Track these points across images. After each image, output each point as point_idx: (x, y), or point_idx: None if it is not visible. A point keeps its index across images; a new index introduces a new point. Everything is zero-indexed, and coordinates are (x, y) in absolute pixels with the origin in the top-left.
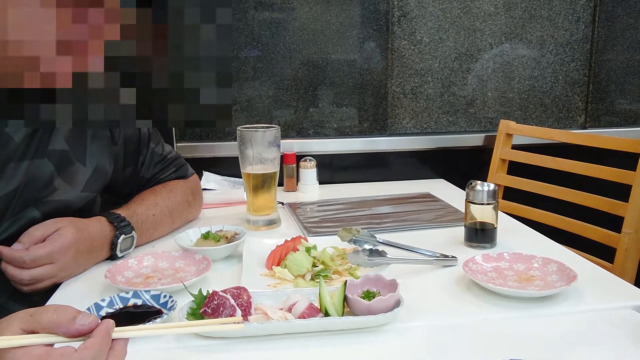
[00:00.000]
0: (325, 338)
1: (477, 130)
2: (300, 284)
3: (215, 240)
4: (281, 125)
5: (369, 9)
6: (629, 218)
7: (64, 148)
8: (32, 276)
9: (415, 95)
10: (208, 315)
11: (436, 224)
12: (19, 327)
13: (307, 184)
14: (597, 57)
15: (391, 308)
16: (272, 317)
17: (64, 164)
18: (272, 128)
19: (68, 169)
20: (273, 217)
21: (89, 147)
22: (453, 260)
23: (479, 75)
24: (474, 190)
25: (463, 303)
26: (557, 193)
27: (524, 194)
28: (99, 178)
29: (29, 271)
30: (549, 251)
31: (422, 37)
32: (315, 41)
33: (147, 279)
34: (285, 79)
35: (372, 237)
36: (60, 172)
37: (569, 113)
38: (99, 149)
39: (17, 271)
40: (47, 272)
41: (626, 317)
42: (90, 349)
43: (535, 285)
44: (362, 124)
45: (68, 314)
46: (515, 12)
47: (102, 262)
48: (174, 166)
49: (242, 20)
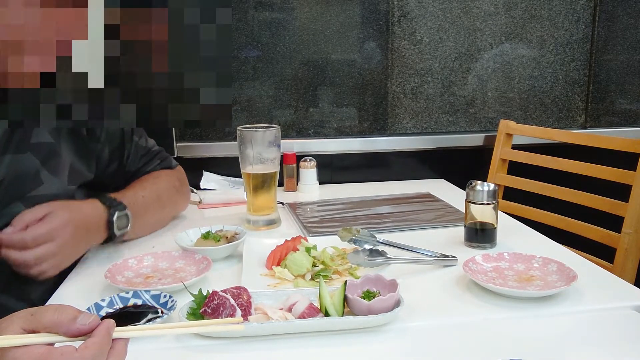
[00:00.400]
0: (325, 338)
1: (477, 130)
2: (300, 284)
3: (215, 240)
4: (281, 125)
5: (369, 9)
6: (629, 218)
7: (49, 140)
8: (36, 256)
9: (415, 95)
10: (208, 315)
11: (436, 224)
12: (20, 327)
13: (307, 184)
14: (597, 57)
15: (391, 308)
16: (272, 317)
17: (50, 156)
18: (272, 128)
19: (54, 160)
20: (273, 217)
21: (63, 142)
22: (453, 260)
23: (479, 75)
24: (474, 190)
25: (463, 303)
26: (557, 193)
27: (524, 194)
28: (74, 175)
29: (32, 251)
30: (549, 251)
31: (422, 37)
32: (315, 41)
33: (147, 279)
34: (285, 79)
35: (372, 237)
36: (45, 165)
37: (569, 113)
38: (73, 147)
39: (20, 253)
40: (49, 250)
41: (626, 317)
42: (91, 348)
43: (535, 285)
44: (362, 124)
45: (69, 313)
46: (515, 12)
47: (104, 260)
48: (158, 158)
49: (242, 20)
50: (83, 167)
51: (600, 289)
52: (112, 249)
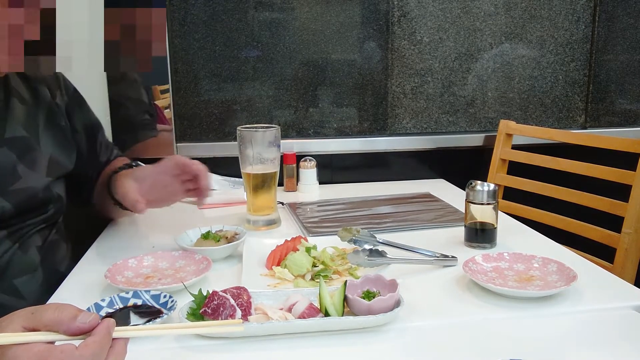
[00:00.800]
0: (325, 338)
1: (477, 130)
2: (300, 284)
3: (215, 240)
4: (281, 125)
5: (369, 9)
6: (629, 218)
7: (23, 134)
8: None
9: (415, 95)
10: (208, 315)
11: (436, 224)
12: (20, 325)
13: (307, 184)
14: (597, 57)
15: (391, 308)
16: (272, 317)
17: (25, 150)
18: (272, 128)
19: (30, 154)
20: (273, 217)
21: (41, 135)
22: (453, 260)
23: (479, 75)
24: (474, 190)
25: (463, 303)
26: (557, 193)
27: (524, 194)
28: (54, 167)
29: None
30: (549, 251)
31: (422, 37)
32: (315, 41)
33: (147, 279)
34: (285, 79)
35: (372, 237)
36: (22, 159)
37: (569, 113)
38: (52, 139)
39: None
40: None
41: (626, 317)
42: (91, 346)
43: (535, 285)
44: (362, 124)
45: (69, 312)
46: (515, 12)
47: (104, 260)
48: (114, 148)
49: (242, 20)
50: (64, 158)
51: (600, 289)
52: (112, 249)
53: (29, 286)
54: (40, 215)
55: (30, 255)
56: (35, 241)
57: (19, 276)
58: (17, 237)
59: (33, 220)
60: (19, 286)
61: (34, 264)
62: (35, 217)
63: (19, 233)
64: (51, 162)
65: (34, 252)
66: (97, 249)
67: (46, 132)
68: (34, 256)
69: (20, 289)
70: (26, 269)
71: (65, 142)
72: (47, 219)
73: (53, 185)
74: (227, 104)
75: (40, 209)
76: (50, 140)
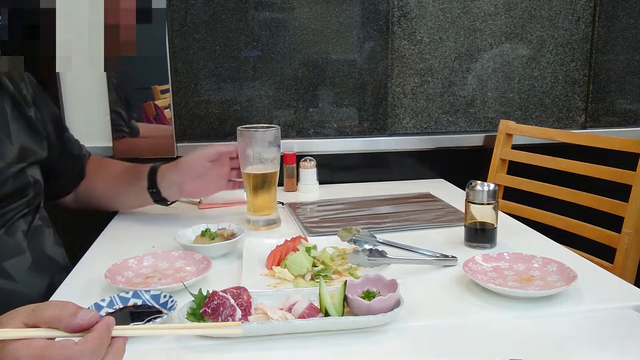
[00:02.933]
0: (325, 338)
1: (477, 130)
2: (300, 284)
3: (210, 238)
4: (281, 125)
5: (369, 9)
6: (629, 218)
7: None
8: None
9: (416, 95)
10: (208, 315)
11: (436, 224)
12: (21, 321)
13: (307, 184)
14: (597, 57)
15: (391, 308)
16: (272, 317)
17: None
18: (272, 128)
19: None
20: (273, 217)
21: (10, 125)
22: (453, 260)
23: (479, 75)
24: (474, 190)
25: (463, 303)
26: (557, 193)
27: (524, 194)
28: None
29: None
30: (549, 251)
31: (422, 37)
32: (315, 41)
33: (147, 279)
34: (285, 79)
35: (372, 237)
36: None
37: (569, 113)
38: (21, 129)
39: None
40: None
41: (626, 317)
42: (90, 342)
43: (535, 285)
44: (362, 124)
45: (69, 309)
46: (515, 12)
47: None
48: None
49: (242, 20)
50: (35, 146)
51: (600, 289)
52: (112, 249)
53: (18, 268)
54: (21, 199)
55: (17, 239)
56: (20, 226)
57: (7, 259)
58: (3, 222)
59: (15, 204)
60: (8, 268)
61: (21, 247)
62: (16, 200)
63: (4, 218)
64: (22, 149)
65: (21, 236)
66: (97, 249)
67: (15, 122)
68: (21, 240)
69: (10, 271)
70: (14, 252)
71: (34, 131)
72: (29, 202)
73: (28, 169)
74: (227, 103)
75: (20, 194)
76: (21, 129)
